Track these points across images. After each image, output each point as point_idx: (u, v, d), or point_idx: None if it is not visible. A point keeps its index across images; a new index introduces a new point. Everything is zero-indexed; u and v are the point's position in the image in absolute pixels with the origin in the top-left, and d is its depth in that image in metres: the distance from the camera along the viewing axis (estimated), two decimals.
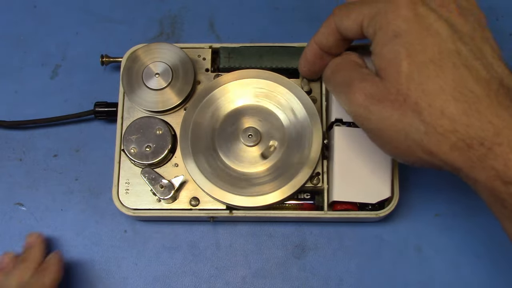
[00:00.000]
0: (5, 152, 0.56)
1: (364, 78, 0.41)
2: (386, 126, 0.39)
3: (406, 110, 0.38)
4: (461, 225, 0.53)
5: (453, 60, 0.38)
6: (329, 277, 0.52)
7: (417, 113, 0.38)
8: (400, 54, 0.38)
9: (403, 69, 0.38)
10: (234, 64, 0.53)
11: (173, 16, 0.60)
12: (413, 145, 0.39)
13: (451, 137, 0.37)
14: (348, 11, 0.42)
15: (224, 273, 0.53)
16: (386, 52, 0.39)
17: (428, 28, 0.38)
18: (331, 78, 0.45)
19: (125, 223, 0.54)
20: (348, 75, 0.43)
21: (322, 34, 0.45)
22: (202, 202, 0.51)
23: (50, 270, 0.49)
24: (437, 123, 0.37)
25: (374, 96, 0.39)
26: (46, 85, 0.58)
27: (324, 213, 0.51)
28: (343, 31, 0.43)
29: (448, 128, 0.37)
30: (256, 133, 0.51)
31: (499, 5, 0.59)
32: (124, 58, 0.54)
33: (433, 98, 0.37)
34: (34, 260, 0.50)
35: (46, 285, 0.48)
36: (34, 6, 0.60)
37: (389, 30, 0.39)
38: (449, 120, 0.37)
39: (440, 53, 0.38)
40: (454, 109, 0.37)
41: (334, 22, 0.44)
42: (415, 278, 0.52)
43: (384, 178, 0.49)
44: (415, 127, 0.38)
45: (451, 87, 0.37)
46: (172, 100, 0.52)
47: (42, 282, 0.48)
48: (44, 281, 0.48)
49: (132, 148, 0.51)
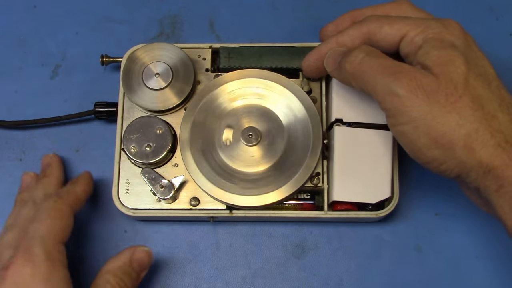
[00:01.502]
0: (5, 152, 0.56)
1: (414, 69, 0.43)
2: (432, 116, 0.41)
3: (461, 106, 0.41)
4: (461, 225, 0.53)
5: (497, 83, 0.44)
6: (329, 277, 0.52)
7: (472, 110, 0.41)
8: (459, 59, 0.43)
9: (462, 71, 0.42)
10: (234, 64, 0.53)
11: (173, 16, 0.60)
12: (455, 139, 0.41)
13: (498, 136, 0.41)
14: (391, 21, 0.46)
15: (224, 273, 0.53)
16: (444, 54, 0.43)
17: (475, 51, 0.44)
18: (365, 63, 0.45)
19: (125, 223, 0.54)
20: (390, 63, 0.44)
21: (349, 36, 0.47)
22: (202, 202, 0.51)
23: (82, 182, 0.51)
24: (489, 123, 0.41)
25: (425, 87, 0.42)
26: (46, 85, 0.58)
27: (324, 213, 0.51)
28: (378, 38, 0.46)
29: (497, 128, 0.41)
30: (256, 133, 0.51)
31: (499, 5, 0.59)
32: (124, 58, 0.54)
33: (485, 103, 0.42)
34: (55, 175, 0.52)
35: (78, 194, 0.49)
36: (34, 6, 0.60)
37: (445, 40, 0.44)
38: (498, 122, 0.42)
39: (486, 74, 0.44)
40: (501, 115, 0.42)
41: (368, 28, 0.46)
42: (415, 278, 0.52)
43: (384, 178, 0.49)
44: (465, 123, 0.41)
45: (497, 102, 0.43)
46: (172, 100, 0.52)
47: (74, 191, 0.50)
48: (76, 190, 0.50)
49: (132, 147, 0.51)
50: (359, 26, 0.47)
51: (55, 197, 0.48)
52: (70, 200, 0.48)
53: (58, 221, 0.46)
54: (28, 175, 0.53)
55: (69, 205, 0.48)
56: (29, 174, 0.53)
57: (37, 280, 0.43)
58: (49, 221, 0.46)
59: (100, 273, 0.48)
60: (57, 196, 0.48)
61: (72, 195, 0.49)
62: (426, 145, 0.42)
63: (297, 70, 0.53)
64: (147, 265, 0.50)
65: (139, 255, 0.49)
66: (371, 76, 0.44)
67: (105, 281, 0.47)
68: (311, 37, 0.58)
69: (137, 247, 0.49)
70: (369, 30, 0.46)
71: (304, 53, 0.53)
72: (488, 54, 0.58)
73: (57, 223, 0.46)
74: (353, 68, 0.45)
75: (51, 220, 0.46)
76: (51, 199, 0.48)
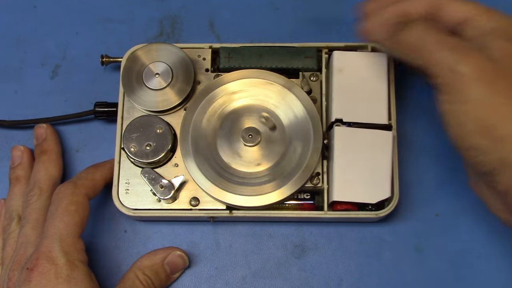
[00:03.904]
0: (5, 152, 0.56)
1: (479, 53, 0.42)
2: (488, 104, 0.41)
3: None
4: (461, 225, 0.53)
5: None
6: (329, 277, 0.52)
7: None
8: None
9: None
10: (234, 64, 0.53)
11: (173, 16, 0.60)
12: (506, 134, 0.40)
13: None
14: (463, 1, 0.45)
15: (224, 273, 0.53)
16: (507, 46, 0.42)
17: None
18: (427, 35, 0.44)
19: (125, 223, 0.54)
20: (455, 40, 0.43)
21: (413, 5, 0.46)
22: (202, 202, 0.51)
23: (103, 168, 0.51)
24: None
25: (488, 73, 0.41)
26: (46, 85, 0.58)
27: (324, 213, 0.51)
28: (444, 13, 0.45)
29: None
30: (256, 133, 0.51)
31: (499, 5, 0.59)
32: (124, 58, 0.54)
33: None
34: (53, 151, 0.51)
35: (96, 181, 0.50)
36: (34, 6, 0.60)
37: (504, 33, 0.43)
38: None
39: None
40: None
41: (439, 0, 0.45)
42: (415, 278, 0.52)
43: (384, 178, 0.49)
44: None
45: None
46: (172, 100, 0.52)
47: (92, 178, 0.49)
48: (95, 176, 0.50)
49: (132, 146, 0.51)
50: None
51: (72, 187, 0.48)
52: (87, 189, 0.49)
53: (76, 216, 0.47)
54: (19, 150, 0.52)
55: (85, 194, 0.48)
56: (19, 148, 0.52)
57: (60, 283, 0.44)
58: (66, 218, 0.46)
59: (132, 267, 0.50)
60: (74, 185, 0.48)
61: (90, 182, 0.49)
62: (472, 132, 0.41)
63: (297, 70, 0.53)
64: (180, 269, 0.52)
65: (173, 258, 0.51)
66: (432, 49, 0.43)
67: (134, 276, 0.49)
68: (311, 37, 0.58)
69: (174, 249, 0.51)
70: (437, 3, 0.45)
71: (304, 53, 0.53)
72: None
73: (74, 219, 0.47)
74: (414, 38, 0.44)
75: (68, 216, 0.46)
76: (67, 189, 0.48)
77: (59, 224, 0.46)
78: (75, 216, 0.47)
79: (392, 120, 0.51)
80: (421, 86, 0.56)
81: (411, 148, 0.55)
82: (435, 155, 0.55)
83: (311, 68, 0.53)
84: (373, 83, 0.51)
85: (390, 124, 0.51)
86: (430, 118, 0.56)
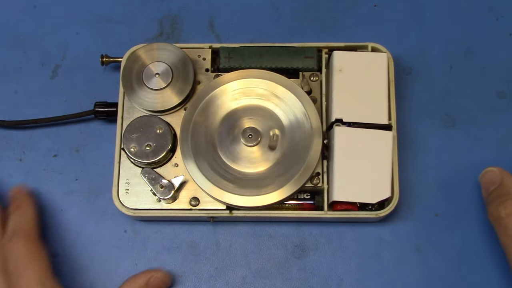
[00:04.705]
0: (5, 152, 0.56)
1: None
2: None
3: None
4: (461, 225, 0.53)
5: None
6: (329, 277, 0.52)
7: None
8: None
9: None
10: (234, 64, 0.53)
11: (173, 16, 0.60)
12: None
13: None
14: None
15: (224, 273, 0.53)
16: None
17: None
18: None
19: (125, 223, 0.54)
20: None
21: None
22: (202, 202, 0.51)
23: (25, 204, 0.50)
24: None
25: None
26: (46, 85, 0.58)
27: (324, 213, 0.51)
28: None
29: None
30: (256, 133, 0.51)
31: (499, 5, 0.59)
32: (124, 58, 0.54)
33: None
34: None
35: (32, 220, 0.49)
36: (34, 6, 0.60)
37: None
38: None
39: None
40: None
41: None
42: (415, 278, 0.52)
43: (384, 178, 0.49)
44: None
45: None
46: (172, 100, 0.52)
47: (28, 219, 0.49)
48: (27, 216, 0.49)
49: (132, 146, 0.51)
50: None
51: (23, 240, 0.47)
52: (35, 234, 0.48)
53: (43, 261, 0.47)
54: None
55: (37, 239, 0.48)
56: None
57: None
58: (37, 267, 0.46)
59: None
60: (24, 237, 0.48)
61: (31, 224, 0.49)
62: None
63: (297, 70, 0.53)
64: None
65: (155, 282, 0.50)
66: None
67: None
68: (311, 37, 0.58)
69: (155, 272, 0.50)
70: None
71: (304, 53, 0.53)
72: (488, 54, 0.58)
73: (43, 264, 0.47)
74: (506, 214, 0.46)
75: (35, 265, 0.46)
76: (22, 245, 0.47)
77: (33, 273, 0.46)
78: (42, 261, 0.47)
79: (392, 120, 0.51)
80: (421, 86, 0.57)
81: (411, 148, 0.55)
82: (435, 155, 0.55)
83: (311, 68, 0.53)
84: (373, 83, 0.51)
85: (390, 124, 0.51)
86: (430, 118, 0.56)
